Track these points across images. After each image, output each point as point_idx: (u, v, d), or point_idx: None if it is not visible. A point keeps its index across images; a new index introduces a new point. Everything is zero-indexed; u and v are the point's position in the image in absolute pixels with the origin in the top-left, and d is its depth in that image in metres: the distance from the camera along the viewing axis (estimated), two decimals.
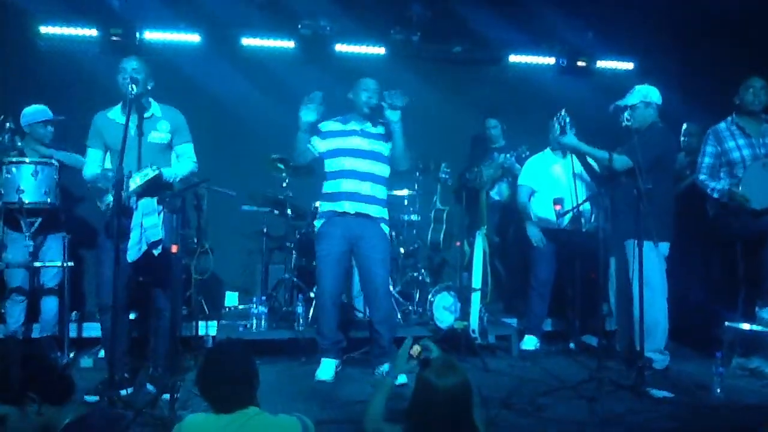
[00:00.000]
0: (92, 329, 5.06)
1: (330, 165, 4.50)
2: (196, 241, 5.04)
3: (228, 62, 6.54)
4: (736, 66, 6.23)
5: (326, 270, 4.42)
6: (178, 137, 4.10)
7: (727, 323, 4.68)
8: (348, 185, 4.40)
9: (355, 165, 4.42)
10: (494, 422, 3.42)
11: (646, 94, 4.69)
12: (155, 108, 4.05)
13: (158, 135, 4.01)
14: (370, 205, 4.42)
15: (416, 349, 2.86)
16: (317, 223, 4.55)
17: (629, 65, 7.24)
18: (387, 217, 4.54)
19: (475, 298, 5.11)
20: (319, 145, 4.50)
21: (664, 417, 3.67)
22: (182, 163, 4.11)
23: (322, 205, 4.57)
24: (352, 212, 4.39)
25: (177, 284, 3.76)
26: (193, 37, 6.44)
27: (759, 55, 5.99)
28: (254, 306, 5.18)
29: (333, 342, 4.49)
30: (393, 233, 5.61)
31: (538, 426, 3.54)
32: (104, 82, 4.01)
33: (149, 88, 3.99)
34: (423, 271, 5.92)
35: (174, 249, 3.63)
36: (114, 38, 6.21)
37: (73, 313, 5.20)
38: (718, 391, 4.03)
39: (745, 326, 4.58)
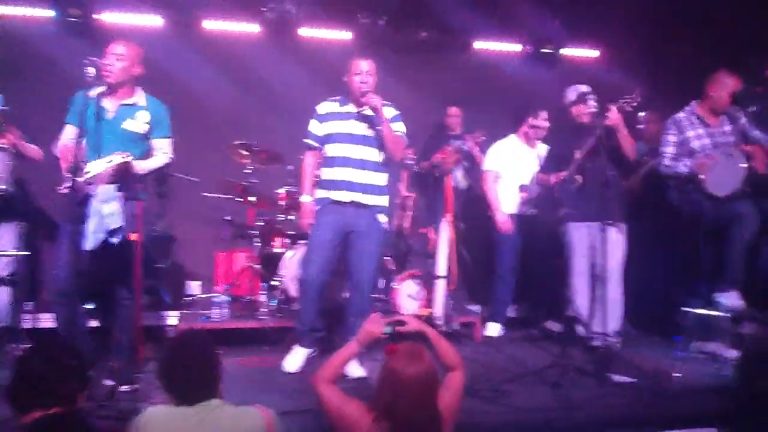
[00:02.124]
0: (48, 320, 4.93)
1: (328, 150, 4.33)
2: (156, 228, 4.94)
3: (190, 46, 6.41)
4: (698, 57, 6.34)
5: (315, 257, 4.25)
6: (156, 130, 3.97)
7: (685, 308, 4.75)
8: (344, 173, 4.24)
9: (352, 152, 4.25)
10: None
11: None
12: (140, 96, 3.94)
13: (134, 123, 3.89)
14: (367, 194, 4.26)
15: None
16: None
17: (594, 53, 7.29)
18: (386, 205, 4.39)
19: (440, 286, 5.12)
20: (318, 129, 4.35)
21: (626, 402, 3.72)
22: (157, 157, 3.99)
23: (318, 192, 4.39)
24: (348, 201, 4.24)
25: (137, 273, 3.66)
26: (155, 20, 6.29)
27: (720, 47, 6.09)
28: (217, 295, 5.10)
29: (310, 329, 4.34)
30: None
31: (503, 412, 3.55)
32: (62, 65, 3.87)
33: (134, 74, 3.87)
34: (389, 258, 5.89)
35: (134, 237, 3.54)
36: (71, 19, 6.03)
37: (30, 303, 5.05)
38: (677, 375, 4.10)
39: (703, 311, 4.66)
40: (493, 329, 5.45)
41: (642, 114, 5.94)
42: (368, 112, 4.27)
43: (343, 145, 4.26)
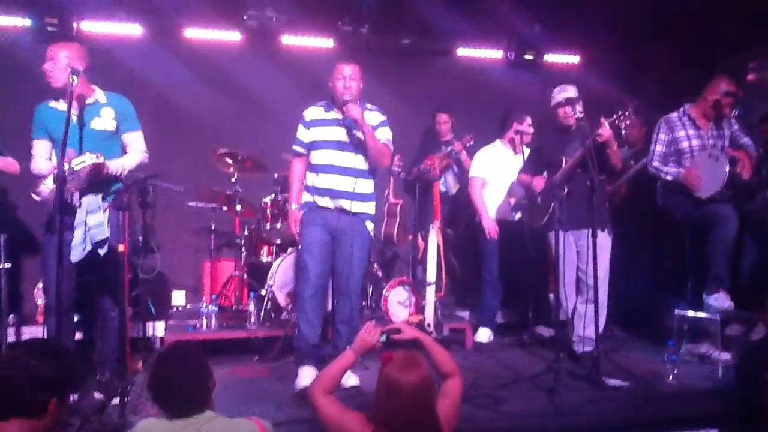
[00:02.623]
0: (31, 332, 4.82)
1: (313, 157, 4.21)
2: (141, 239, 4.84)
3: (171, 54, 6.33)
4: (678, 62, 6.41)
5: (310, 260, 4.07)
6: (125, 125, 3.90)
7: (676, 311, 4.77)
8: (329, 181, 4.12)
9: (337, 159, 4.12)
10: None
11: None
12: (99, 94, 3.87)
13: (101, 122, 3.82)
14: (353, 201, 4.13)
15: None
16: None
17: (575, 58, 7.33)
18: (372, 213, 4.30)
19: (430, 292, 5.08)
20: (304, 135, 4.24)
21: (621, 406, 3.72)
22: (131, 153, 3.92)
23: (304, 195, 4.28)
24: (333, 207, 4.14)
25: (124, 284, 3.58)
26: (134, 28, 6.20)
27: (701, 52, 6.16)
28: (204, 305, 5.03)
29: (314, 346, 4.08)
30: None
31: (499, 419, 3.53)
32: (38, 74, 3.79)
33: (82, 72, 3.76)
34: (375, 265, 5.86)
35: (121, 248, 3.46)
36: (49, 28, 5.91)
37: (10, 316, 4.93)
38: (671, 378, 4.11)
39: (693, 313, 4.68)
40: (484, 335, 5.43)
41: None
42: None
43: (329, 152, 4.15)
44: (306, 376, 3.96)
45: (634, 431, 3.55)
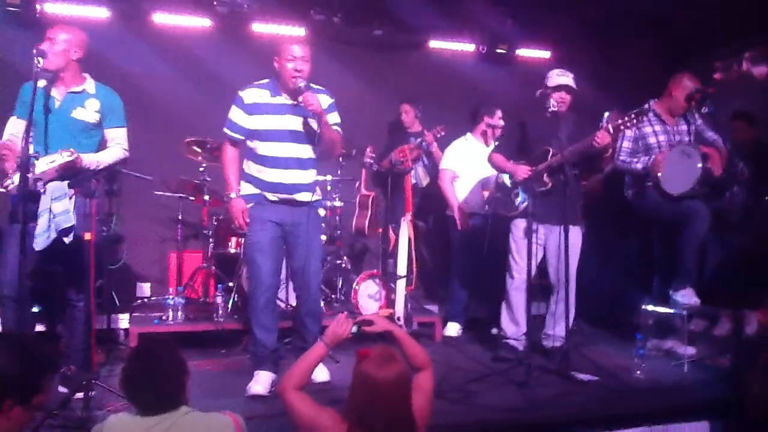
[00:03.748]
0: None
1: (259, 147, 3.85)
2: (107, 228, 4.73)
3: (139, 39, 6.15)
4: (649, 60, 6.48)
5: (261, 259, 3.83)
6: (109, 120, 3.79)
7: (643, 306, 4.82)
8: (277, 175, 3.84)
9: (286, 150, 3.83)
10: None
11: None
12: (89, 84, 3.76)
13: (84, 112, 3.70)
14: (302, 192, 3.90)
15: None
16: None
17: (546, 54, 7.36)
18: (321, 199, 4.11)
19: (401, 286, 5.07)
20: (244, 120, 3.84)
21: (590, 400, 3.75)
22: (111, 149, 3.80)
23: (245, 186, 3.94)
24: (283, 200, 3.89)
25: (90, 274, 3.47)
26: (100, 11, 6.03)
27: (672, 49, 6.24)
28: (170, 297, 4.93)
29: (271, 351, 3.89)
30: None
31: (471, 413, 3.53)
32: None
33: (74, 59, 3.68)
34: (345, 258, 5.82)
35: (88, 237, 3.36)
36: (10, 9, 5.70)
37: None
38: (638, 372, 4.16)
39: (660, 309, 4.74)
40: (453, 329, 5.44)
41: (606, 114, 5.97)
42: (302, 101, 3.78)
43: (277, 144, 3.82)
44: (261, 382, 3.79)
45: (604, 425, 3.58)
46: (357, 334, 2.85)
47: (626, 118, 4.25)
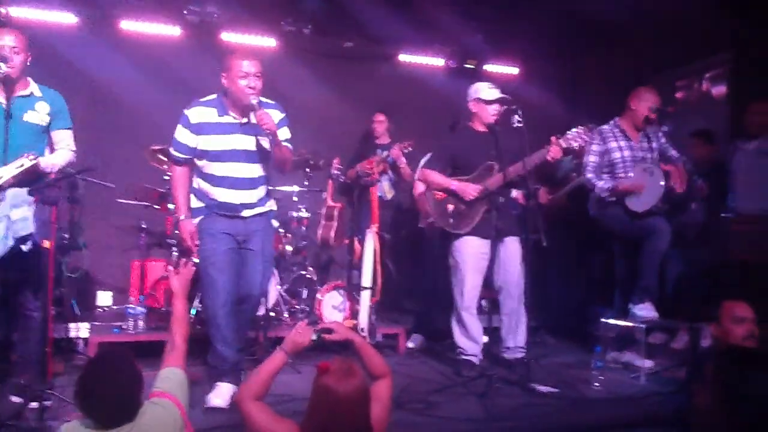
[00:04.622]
0: None
1: (208, 167, 3.72)
2: (68, 236, 4.67)
3: (107, 46, 6.13)
4: (616, 75, 6.62)
5: (218, 273, 3.69)
6: (57, 122, 3.74)
7: (602, 319, 4.90)
8: (227, 195, 3.72)
9: (236, 170, 3.69)
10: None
11: None
12: (33, 87, 3.70)
13: (36, 115, 3.66)
14: (255, 208, 3.81)
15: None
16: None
17: (514, 70, 7.47)
18: (275, 209, 4.01)
19: (365, 297, 5.07)
20: (190, 140, 3.68)
21: (550, 411, 3.78)
22: (61, 152, 3.75)
23: (194, 200, 3.81)
24: (230, 215, 3.78)
25: (48, 282, 3.42)
26: (68, 17, 5.98)
27: (638, 65, 6.37)
28: (131, 306, 4.87)
29: (233, 364, 3.79)
30: (281, 230, 5.47)
31: (432, 424, 3.54)
32: None
33: (28, 64, 3.64)
34: (310, 268, 5.81)
35: (47, 244, 3.31)
36: None
37: None
38: (597, 384, 4.22)
39: (619, 322, 4.82)
40: (416, 340, 5.45)
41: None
42: (254, 120, 3.60)
43: (226, 164, 3.68)
44: (221, 394, 3.69)
45: None
46: (317, 342, 2.84)
47: (576, 133, 4.28)
